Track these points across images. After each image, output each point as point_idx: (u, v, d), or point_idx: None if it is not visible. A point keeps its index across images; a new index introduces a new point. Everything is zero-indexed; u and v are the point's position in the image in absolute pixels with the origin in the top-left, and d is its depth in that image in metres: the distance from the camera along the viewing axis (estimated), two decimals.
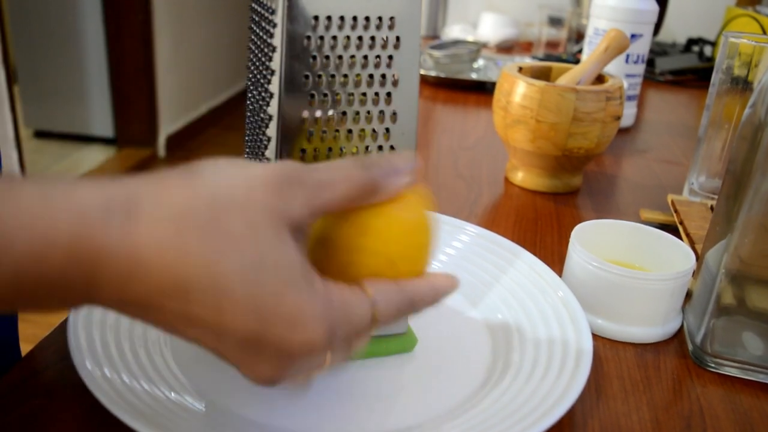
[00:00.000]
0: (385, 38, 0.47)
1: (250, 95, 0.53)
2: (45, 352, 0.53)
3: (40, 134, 3.70)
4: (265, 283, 0.35)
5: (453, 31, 1.89)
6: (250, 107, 0.53)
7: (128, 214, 0.33)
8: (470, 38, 1.75)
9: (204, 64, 4.12)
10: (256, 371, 0.37)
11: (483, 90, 1.41)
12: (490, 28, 1.85)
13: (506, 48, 1.86)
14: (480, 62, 1.55)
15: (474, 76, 1.46)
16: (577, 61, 0.93)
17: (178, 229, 0.34)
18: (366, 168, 0.40)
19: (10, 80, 2.34)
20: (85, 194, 0.33)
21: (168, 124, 3.74)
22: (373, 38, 0.47)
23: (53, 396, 0.49)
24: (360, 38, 0.46)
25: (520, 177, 0.93)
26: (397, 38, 0.47)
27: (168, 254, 0.33)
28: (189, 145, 3.92)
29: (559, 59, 1.61)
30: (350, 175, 0.39)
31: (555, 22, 1.80)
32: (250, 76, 0.53)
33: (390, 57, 0.48)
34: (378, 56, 0.47)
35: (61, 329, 0.54)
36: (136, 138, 3.63)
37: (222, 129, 4.27)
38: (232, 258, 0.34)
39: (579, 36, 1.70)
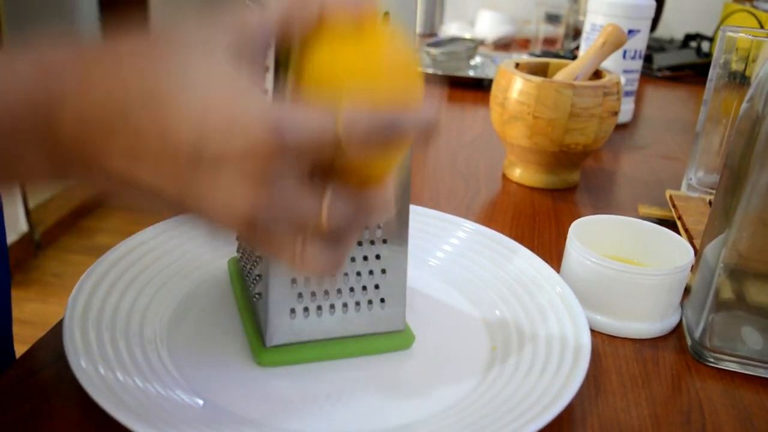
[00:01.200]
0: None
1: None
2: (41, 353, 0.53)
3: None
4: (196, 90, 0.35)
5: (450, 28, 1.88)
6: None
7: (77, 60, 0.37)
8: (467, 35, 1.75)
9: None
10: (220, 196, 0.35)
11: (480, 87, 1.41)
12: (488, 26, 1.85)
13: (503, 45, 1.86)
14: (477, 59, 1.55)
15: (471, 73, 1.46)
16: (574, 58, 0.93)
17: (117, 61, 0.36)
18: None
19: None
20: (47, 53, 0.37)
21: None
22: None
23: (49, 397, 0.48)
24: None
25: (517, 173, 0.92)
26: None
27: (110, 81, 0.36)
28: None
29: (557, 56, 1.61)
30: None
31: (552, 18, 1.80)
32: None
33: None
34: None
35: (57, 330, 0.54)
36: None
37: None
38: (167, 71, 0.35)
39: (576, 33, 1.70)
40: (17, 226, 2.52)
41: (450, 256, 0.68)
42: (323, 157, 0.35)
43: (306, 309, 0.53)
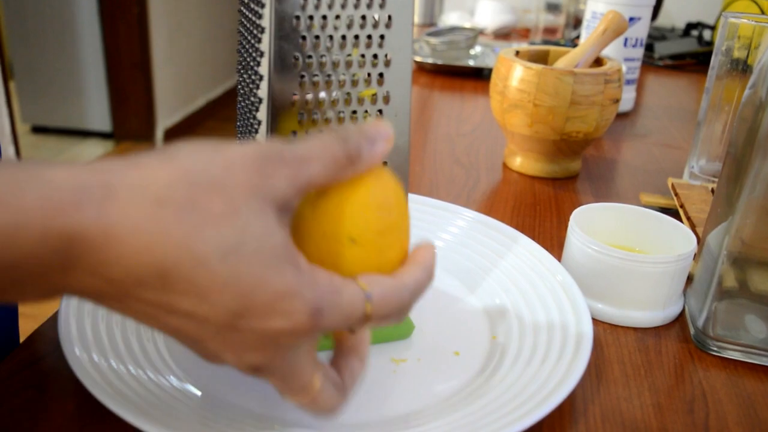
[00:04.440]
0: (376, 17, 0.46)
1: (240, 79, 0.52)
2: (38, 344, 0.52)
3: (38, 129, 3.70)
4: (247, 264, 0.33)
5: (450, 18, 1.88)
6: (241, 91, 0.52)
7: (103, 196, 0.32)
8: (467, 25, 1.74)
9: (200, 57, 4.11)
10: (241, 359, 0.36)
11: (480, 77, 1.40)
12: (488, 15, 1.84)
13: (503, 35, 1.85)
14: (477, 49, 1.54)
15: (471, 62, 1.45)
16: (575, 47, 0.92)
17: (155, 210, 0.32)
18: (343, 138, 0.38)
19: (6, 76, 2.33)
20: (57, 177, 0.31)
21: (165, 118, 3.73)
22: (364, 17, 0.46)
23: (46, 387, 0.48)
24: (351, 17, 0.45)
25: (518, 162, 0.92)
26: (389, 17, 0.46)
27: (144, 235, 0.32)
28: (187, 138, 3.91)
29: (557, 45, 1.60)
30: (328, 145, 0.37)
31: (552, 7, 1.79)
32: (240, 59, 0.52)
33: (381, 36, 0.47)
34: (369, 36, 0.46)
35: (54, 320, 0.54)
36: (133, 132, 3.62)
37: (220, 121, 4.26)
38: (212, 239, 0.32)
39: (577, 21, 1.69)
40: None
41: (450, 245, 0.67)
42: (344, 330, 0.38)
43: None
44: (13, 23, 3.40)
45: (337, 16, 0.45)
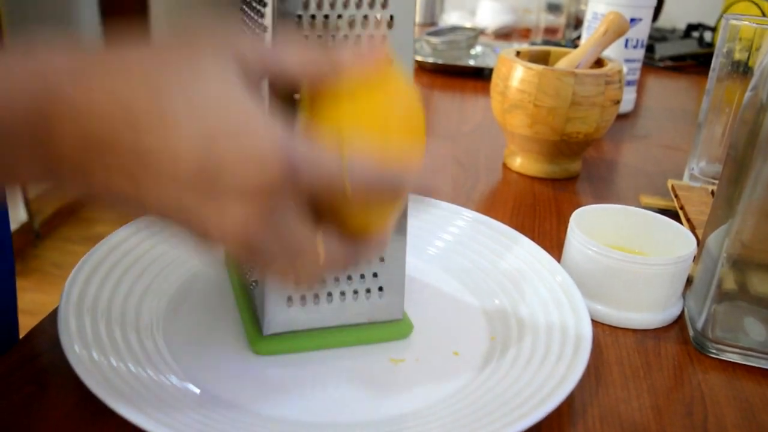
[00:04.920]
0: (378, 17, 0.46)
1: None
2: (36, 340, 0.52)
3: None
4: (215, 108, 0.34)
5: (451, 17, 1.88)
6: None
7: (78, 68, 0.35)
8: (468, 25, 1.74)
9: None
10: (225, 216, 0.35)
11: (480, 76, 1.40)
12: (488, 15, 1.84)
13: (504, 35, 1.85)
14: (478, 49, 1.54)
15: (472, 62, 1.45)
16: (575, 47, 0.92)
17: (124, 71, 0.35)
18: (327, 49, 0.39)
19: None
20: (43, 57, 0.35)
21: None
22: (366, 17, 0.46)
23: (44, 384, 0.48)
24: (353, 17, 0.45)
25: (518, 163, 0.92)
26: (391, 17, 0.46)
27: (116, 93, 0.34)
28: None
29: (558, 45, 1.60)
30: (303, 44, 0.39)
31: (553, 8, 1.79)
32: None
33: (384, 36, 0.47)
34: (371, 35, 0.46)
35: (53, 317, 0.54)
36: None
37: None
38: (173, 76, 0.34)
39: (578, 22, 1.69)
40: (17, 215, 2.51)
41: (449, 245, 0.67)
42: (326, 196, 0.37)
43: (303, 297, 0.52)
44: (13, 21, 3.39)
45: (339, 16, 0.45)
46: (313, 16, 0.44)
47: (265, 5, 0.45)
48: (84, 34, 3.40)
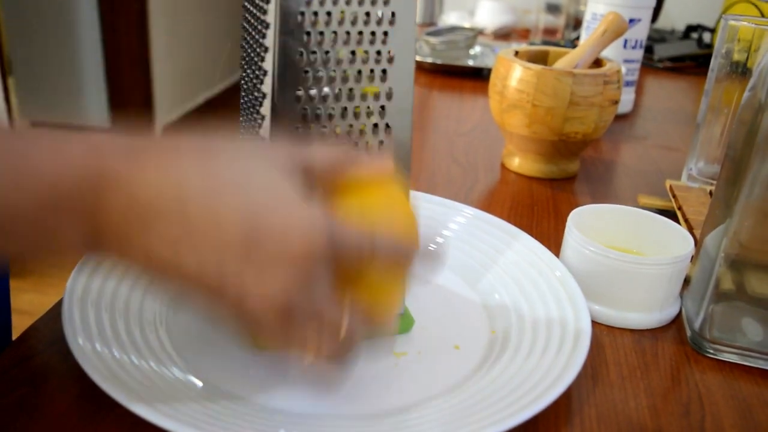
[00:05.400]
0: (379, 14, 0.46)
1: (244, 74, 0.52)
2: (32, 341, 0.52)
3: (36, 125, 3.67)
4: (259, 189, 0.37)
5: (450, 17, 1.88)
6: (245, 86, 0.52)
7: (132, 148, 0.38)
8: (467, 25, 1.74)
9: (200, 53, 4.10)
10: (264, 286, 0.37)
11: (479, 77, 1.40)
12: (487, 15, 1.84)
13: (503, 35, 1.85)
14: (477, 49, 1.54)
15: (471, 62, 1.45)
16: (574, 48, 0.92)
17: (175, 155, 0.38)
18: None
19: (5, 72, 2.33)
20: (96, 137, 0.38)
21: (164, 114, 3.72)
22: (368, 14, 0.46)
23: (39, 385, 0.48)
24: (355, 14, 0.45)
25: (516, 163, 0.92)
26: (393, 14, 0.46)
27: (165, 170, 0.37)
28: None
29: (557, 46, 1.60)
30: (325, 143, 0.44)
31: (553, 8, 1.79)
32: (244, 54, 0.52)
33: (385, 33, 0.47)
34: (373, 32, 0.46)
35: (49, 317, 0.54)
36: (129, 131, 3.59)
37: (219, 119, 4.24)
38: (225, 173, 0.37)
39: (577, 22, 1.69)
40: None
41: (449, 241, 0.68)
42: (354, 264, 0.40)
43: None
44: (12, 19, 3.39)
45: (342, 13, 0.45)
46: (315, 13, 0.44)
47: (268, 2, 0.45)
48: (81, 28, 3.39)
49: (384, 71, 0.48)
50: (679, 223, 0.72)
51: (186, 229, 0.36)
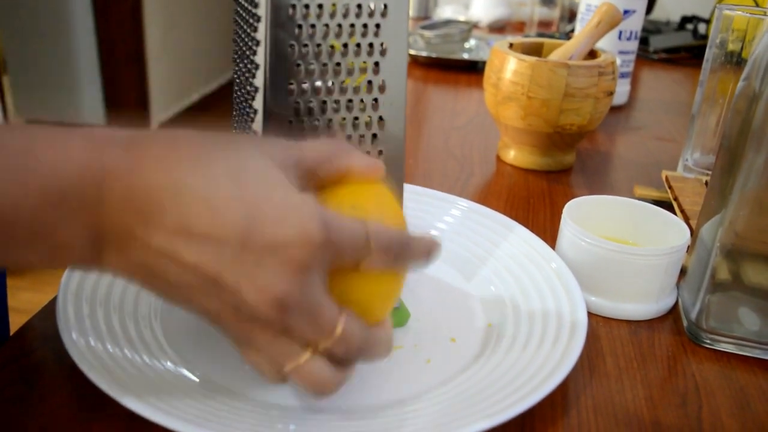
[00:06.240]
0: (371, 6, 0.46)
1: (236, 68, 0.52)
2: (26, 338, 0.52)
3: (32, 123, 3.66)
4: (254, 181, 0.37)
5: (444, 11, 1.87)
6: (237, 80, 0.52)
7: (131, 140, 0.38)
8: (462, 18, 1.74)
9: (195, 52, 4.09)
10: (262, 288, 0.37)
11: (474, 70, 1.40)
12: (482, 8, 1.84)
13: (498, 28, 1.85)
14: (471, 42, 1.53)
15: (465, 56, 1.45)
16: (569, 40, 0.92)
17: (174, 146, 0.38)
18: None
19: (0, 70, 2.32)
20: (97, 131, 0.38)
21: (159, 113, 3.71)
22: (359, 6, 0.45)
23: (34, 382, 0.47)
24: (346, 6, 0.45)
25: (512, 155, 0.92)
26: (384, 6, 0.46)
27: (162, 162, 0.37)
28: None
29: (552, 38, 1.59)
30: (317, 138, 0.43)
31: (547, 1, 1.79)
32: (236, 48, 0.52)
33: (377, 25, 0.46)
34: (365, 25, 0.46)
35: (44, 314, 0.54)
36: (127, 126, 3.59)
37: (214, 117, 4.23)
38: (220, 164, 0.37)
39: (571, 15, 1.69)
40: None
41: (445, 234, 0.67)
42: (350, 259, 0.40)
43: None
44: (5, 16, 3.38)
45: (333, 5, 0.45)
46: (306, 6, 0.44)
47: None
48: (75, 26, 3.38)
49: (376, 63, 0.48)
50: (675, 213, 0.72)
51: (184, 219, 0.36)
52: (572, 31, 1.56)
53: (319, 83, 0.46)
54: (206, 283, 0.37)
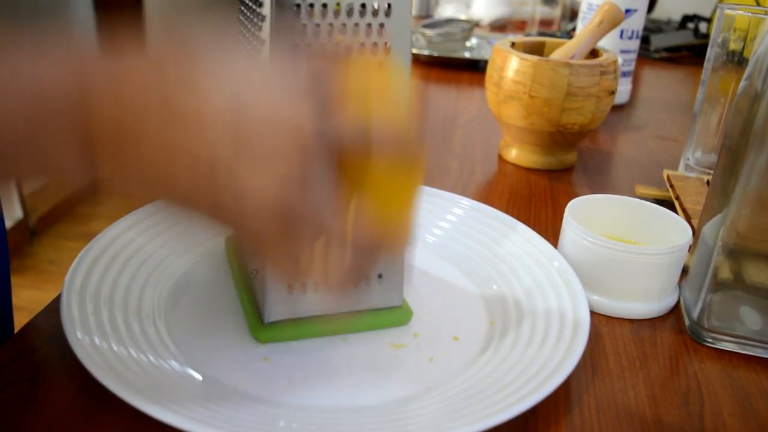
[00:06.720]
0: (375, 6, 0.46)
1: None
2: (31, 336, 0.52)
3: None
4: (240, 74, 0.36)
5: (446, 9, 1.87)
6: None
7: (114, 52, 0.37)
8: (463, 17, 1.74)
9: None
10: (260, 176, 0.35)
11: (476, 69, 1.40)
12: (484, 7, 1.84)
13: (499, 27, 1.85)
14: (473, 41, 1.54)
15: (467, 54, 1.45)
16: (571, 39, 0.92)
17: (156, 47, 0.37)
18: None
19: None
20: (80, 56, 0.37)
21: None
22: (363, 5, 0.46)
23: (38, 380, 0.48)
24: (350, 5, 0.45)
25: (513, 154, 0.92)
26: (389, 5, 0.46)
27: (150, 75, 0.36)
28: None
29: (553, 37, 1.60)
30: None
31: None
32: (240, 48, 0.52)
33: (381, 25, 0.47)
34: (369, 24, 0.46)
35: (47, 313, 0.54)
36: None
37: None
38: (206, 58, 0.36)
39: (573, 13, 1.69)
40: (12, 212, 2.51)
41: (447, 233, 0.68)
42: (353, 158, 0.37)
43: (303, 285, 0.52)
44: (5, 17, 3.38)
45: (338, 4, 0.45)
46: (311, 5, 0.44)
47: None
48: (76, 25, 3.38)
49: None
50: (676, 212, 0.72)
51: (173, 129, 0.35)
52: (573, 30, 1.56)
53: None
54: (205, 168, 0.36)
